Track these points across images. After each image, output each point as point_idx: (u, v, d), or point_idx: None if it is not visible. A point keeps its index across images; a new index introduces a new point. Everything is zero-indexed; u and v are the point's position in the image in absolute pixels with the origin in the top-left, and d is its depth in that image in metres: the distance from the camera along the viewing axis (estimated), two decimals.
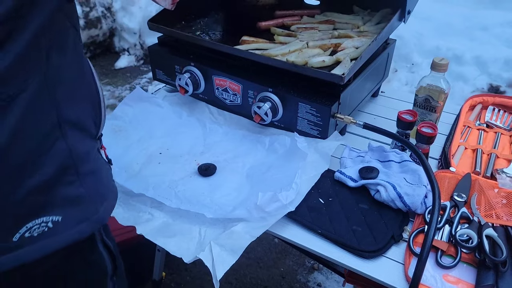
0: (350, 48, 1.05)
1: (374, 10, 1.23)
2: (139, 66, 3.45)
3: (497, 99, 1.17)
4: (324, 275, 1.77)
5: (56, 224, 0.56)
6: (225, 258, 0.76)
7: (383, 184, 0.85)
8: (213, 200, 0.89)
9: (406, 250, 0.77)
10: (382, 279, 0.73)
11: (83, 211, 0.60)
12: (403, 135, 0.96)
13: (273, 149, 1.01)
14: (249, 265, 1.80)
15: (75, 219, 0.59)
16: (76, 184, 0.59)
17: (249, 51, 1.04)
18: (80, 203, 0.59)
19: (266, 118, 1.00)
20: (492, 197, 0.85)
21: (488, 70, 2.83)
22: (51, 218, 0.56)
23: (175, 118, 1.13)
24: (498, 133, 1.07)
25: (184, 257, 0.78)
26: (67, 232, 0.58)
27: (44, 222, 0.55)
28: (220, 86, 1.09)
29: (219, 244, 0.78)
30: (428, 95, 1.01)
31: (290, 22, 1.22)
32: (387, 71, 1.22)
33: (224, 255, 0.76)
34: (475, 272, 0.73)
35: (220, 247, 0.77)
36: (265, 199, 0.78)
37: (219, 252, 0.76)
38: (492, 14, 3.36)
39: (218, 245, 0.77)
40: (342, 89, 0.95)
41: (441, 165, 0.99)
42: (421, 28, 3.16)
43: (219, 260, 0.75)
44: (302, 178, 0.88)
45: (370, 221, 0.82)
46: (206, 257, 0.76)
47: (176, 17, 1.23)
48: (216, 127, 1.10)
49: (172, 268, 1.76)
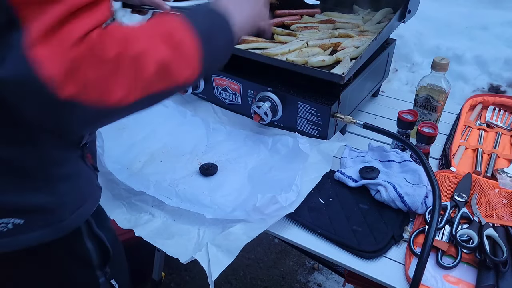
0: (350, 47, 1.05)
1: (374, 10, 1.22)
2: None
3: (497, 99, 1.17)
4: (324, 275, 1.77)
5: (17, 226, 0.59)
6: (221, 259, 0.76)
7: (383, 184, 0.85)
8: (213, 200, 0.88)
9: (407, 250, 0.77)
10: (383, 280, 0.73)
11: (48, 218, 0.61)
12: (403, 135, 0.95)
13: (276, 150, 1.00)
14: (249, 265, 1.80)
15: (38, 224, 0.60)
16: (43, 190, 0.60)
17: (248, 51, 1.04)
18: (46, 210, 0.61)
19: (265, 117, 0.99)
20: (492, 197, 0.85)
21: (489, 70, 2.83)
22: (13, 220, 0.58)
23: (179, 117, 1.13)
24: (498, 133, 1.07)
25: (181, 258, 0.78)
26: (28, 235, 0.60)
27: (5, 223, 0.58)
28: (220, 85, 1.09)
29: (216, 245, 0.78)
30: (428, 95, 1.01)
31: (290, 21, 1.22)
32: (387, 71, 1.22)
33: (220, 255, 0.76)
34: (475, 272, 0.73)
35: (216, 247, 0.77)
36: (264, 201, 0.78)
37: (215, 253, 0.77)
38: (492, 13, 3.37)
39: (214, 245, 0.78)
40: (342, 88, 0.95)
41: (441, 165, 0.99)
42: (421, 28, 3.16)
43: (215, 260, 0.75)
44: (303, 179, 0.88)
45: (371, 221, 0.82)
46: (202, 257, 0.77)
47: None
48: (219, 126, 1.10)
49: (172, 268, 1.76)
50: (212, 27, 0.60)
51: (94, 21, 0.46)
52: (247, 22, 0.68)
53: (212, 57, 0.59)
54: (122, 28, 0.49)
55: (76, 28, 0.44)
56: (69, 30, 0.44)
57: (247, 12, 0.67)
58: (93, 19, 0.46)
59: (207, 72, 0.60)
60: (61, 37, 0.43)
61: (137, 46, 0.49)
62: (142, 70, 0.49)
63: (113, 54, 0.46)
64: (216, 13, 0.62)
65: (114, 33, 0.47)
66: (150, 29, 0.53)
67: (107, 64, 0.46)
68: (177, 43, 0.53)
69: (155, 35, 0.52)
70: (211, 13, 0.62)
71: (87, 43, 0.45)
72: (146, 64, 0.49)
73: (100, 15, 0.47)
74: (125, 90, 0.48)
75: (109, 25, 0.49)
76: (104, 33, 0.46)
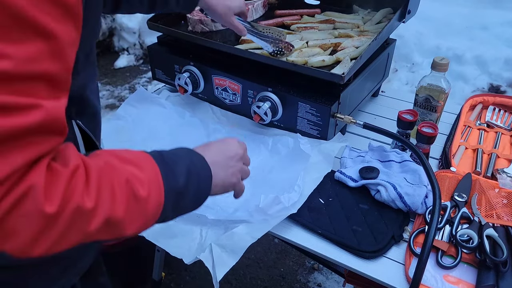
0: (350, 47, 1.05)
1: (374, 10, 1.22)
2: (139, 65, 3.45)
3: (497, 99, 1.17)
4: (324, 275, 1.77)
5: None
6: (225, 260, 0.76)
7: (383, 184, 0.85)
8: (215, 201, 0.88)
9: (407, 250, 0.77)
10: (383, 280, 0.73)
11: None
12: (403, 135, 0.95)
13: (276, 150, 1.00)
14: (249, 265, 1.80)
15: None
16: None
17: (248, 51, 1.04)
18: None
19: (265, 117, 0.99)
20: (492, 197, 0.85)
21: (489, 70, 2.83)
22: None
23: (178, 118, 1.13)
24: (498, 133, 1.07)
25: (185, 258, 0.78)
26: None
27: None
28: (220, 85, 1.09)
29: (220, 245, 0.77)
30: (428, 95, 1.01)
31: (290, 21, 1.22)
32: (387, 71, 1.22)
33: (225, 256, 0.76)
34: (475, 272, 0.73)
35: (220, 248, 0.77)
36: (267, 201, 0.78)
37: (219, 254, 0.76)
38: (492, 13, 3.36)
39: (218, 246, 0.77)
40: (342, 88, 0.95)
41: (441, 165, 0.99)
42: (421, 28, 3.16)
43: (220, 261, 0.75)
44: (305, 179, 0.87)
45: (371, 221, 0.82)
46: (206, 258, 0.76)
47: (175, 17, 1.23)
48: (219, 127, 1.10)
49: (172, 268, 1.75)
50: (187, 186, 0.53)
51: (34, 153, 0.39)
52: (223, 184, 0.62)
53: (174, 213, 0.54)
54: (73, 171, 0.42)
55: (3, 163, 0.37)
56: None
57: (227, 172, 0.63)
58: (31, 149, 0.39)
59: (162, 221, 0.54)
60: None
61: (87, 202, 0.42)
62: (86, 226, 0.43)
63: (53, 210, 0.39)
64: (199, 171, 0.57)
65: (59, 179, 0.40)
66: (110, 174, 0.45)
67: (41, 220, 0.39)
68: (138, 198, 0.47)
69: (114, 186, 0.45)
70: (192, 169, 0.55)
71: (18, 190, 0.38)
72: (92, 221, 0.43)
73: (41, 142, 0.40)
74: (53, 244, 0.42)
75: (55, 165, 0.41)
76: (48, 175, 0.40)
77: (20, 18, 0.37)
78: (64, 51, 0.41)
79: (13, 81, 0.37)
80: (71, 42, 0.42)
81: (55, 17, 0.39)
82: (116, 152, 0.49)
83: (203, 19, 1.13)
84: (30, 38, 0.38)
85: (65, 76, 0.43)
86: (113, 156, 0.48)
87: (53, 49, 0.40)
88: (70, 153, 0.44)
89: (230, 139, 0.67)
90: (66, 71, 0.43)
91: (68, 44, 0.42)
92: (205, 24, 1.14)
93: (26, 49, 0.38)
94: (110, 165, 0.46)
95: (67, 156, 0.43)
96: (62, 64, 0.42)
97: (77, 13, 0.42)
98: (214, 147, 0.63)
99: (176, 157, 0.56)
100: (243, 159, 0.67)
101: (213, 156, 0.61)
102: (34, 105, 0.38)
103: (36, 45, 0.38)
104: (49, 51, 0.39)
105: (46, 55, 0.39)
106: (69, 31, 0.41)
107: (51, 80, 0.40)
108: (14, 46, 0.37)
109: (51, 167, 0.41)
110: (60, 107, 0.42)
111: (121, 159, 0.48)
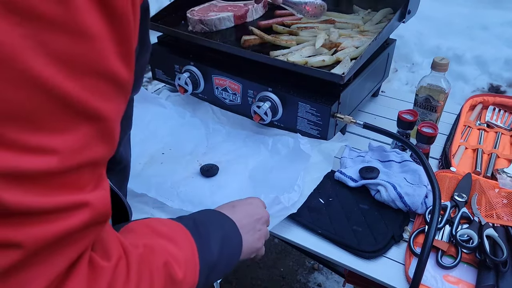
0: (350, 47, 1.05)
1: (375, 10, 1.22)
2: None
3: (497, 99, 1.17)
4: (324, 275, 1.77)
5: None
6: None
7: (383, 184, 0.85)
8: (214, 201, 0.88)
9: (407, 250, 0.77)
10: (383, 280, 0.73)
11: None
12: (403, 135, 0.95)
13: (276, 150, 1.00)
14: (249, 265, 1.80)
15: None
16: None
17: (249, 51, 1.04)
18: None
19: (265, 117, 0.99)
20: (492, 197, 0.85)
21: (489, 70, 2.83)
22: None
23: (178, 119, 1.13)
24: (498, 133, 1.07)
25: None
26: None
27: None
28: (220, 85, 1.09)
29: None
30: (428, 95, 1.01)
31: (290, 21, 1.22)
32: (387, 71, 1.22)
33: None
34: (475, 272, 0.73)
35: None
36: (267, 201, 0.78)
37: None
38: (492, 13, 3.36)
39: None
40: (342, 88, 0.95)
41: (441, 165, 0.99)
42: (422, 28, 3.16)
43: None
44: (305, 179, 0.87)
45: (370, 221, 0.82)
46: None
47: (175, 17, 1.23)
48: (219, 127, 1.10)
49: None
50: (220, 258, 0.52)
51: (76, 252, 0.34)
52: (250, 249, 0.61)
53: (205, 285, 0.52)
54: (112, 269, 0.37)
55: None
56: None
57: (254, 237, 0.61)
58: (73, 249, 0.34)
59: None
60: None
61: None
62: None
63: None
64: (231, 239, 0.55)
65: (102, 277, 0.36)
66: (148, 259, 0.42)
67: None
68: (174, 281, 0.45)
69: (152, 272, 0.42)
70: (226, 238, 0.54)
71: None
72: None
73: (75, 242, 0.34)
74: None
75: (96, 259, 0.36)
76: (90, 273, 0.35)
77: (68, 104, 0.31)
78: (113, 130, 0.36)
79: (56, 178, 0.31)
80: (120, 117, 0.37)
81: (107, 96, 0.34)
82: (151, 225, 0.47)
83: (203, 19, 1.13)
84: (78, 124, 0.32)
85: (111, 155, 0.37)
86: (150, 233, 0.45)
87: (102, 130, 0.34)
88: (110, 241, 0.39)
89: (254, 200, 0.65)
90: (113, 150, 0.37)
91: (117, 121, 0.36)
92: (205, 24, 1.14)
93: (74, 138, 0.32)
94: (149, 248, 0.44)
95: (108, 245, 0.39)
96: (110, 145, 0.36)
97: (128, 89, 0.37)
98: (241, 209, 0.61)
99: (209, 225, 0.54)
100: (267, 222, 0.66)
101: (242, 219, 0.59)
102: (79, 204, 0.33)
103: (84, 131, 0.32)
104: (98, 133, 0.34)
105: (94, 139, 0.33)
106: (119, 108, 0.36)
107: (97, 164, 0.35)
108: (60, 136, 0.31)
109: (93, 262, 0.36)
110: (105, 195, 0.36)
111: (158, 234, 0.46)
